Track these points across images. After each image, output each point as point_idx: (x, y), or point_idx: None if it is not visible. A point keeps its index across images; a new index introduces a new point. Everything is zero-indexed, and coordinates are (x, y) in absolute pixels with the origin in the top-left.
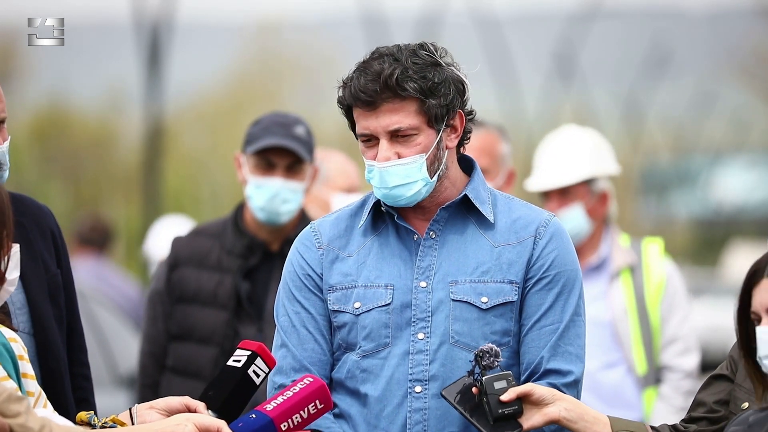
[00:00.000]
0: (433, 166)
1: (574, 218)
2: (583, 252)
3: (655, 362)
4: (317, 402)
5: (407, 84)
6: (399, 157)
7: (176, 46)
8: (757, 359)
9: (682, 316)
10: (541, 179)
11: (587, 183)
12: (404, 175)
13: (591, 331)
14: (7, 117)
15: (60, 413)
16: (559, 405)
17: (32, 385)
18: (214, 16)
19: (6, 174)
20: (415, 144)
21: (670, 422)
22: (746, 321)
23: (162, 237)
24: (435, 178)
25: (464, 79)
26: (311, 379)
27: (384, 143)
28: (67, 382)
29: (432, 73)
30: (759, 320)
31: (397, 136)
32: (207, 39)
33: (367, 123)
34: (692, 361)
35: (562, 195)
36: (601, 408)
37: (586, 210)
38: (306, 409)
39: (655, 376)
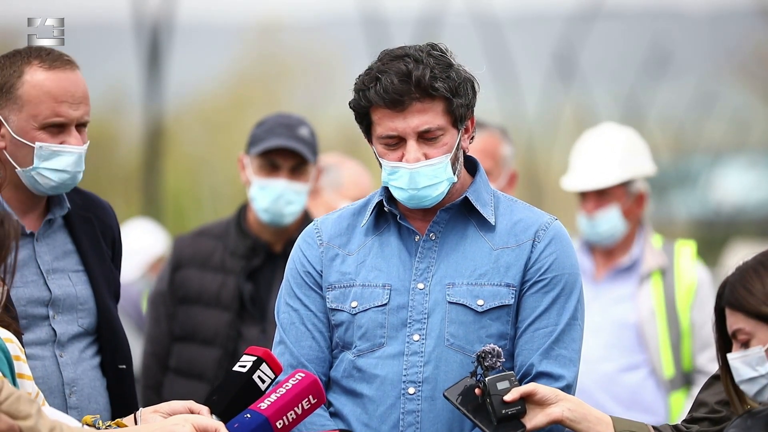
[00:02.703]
0: (454, 166)
1: (610, 220)
2: (615, 253)
3: (683, 366)
4: (310, 397)
5: (437, 84)
6: (427, 157)
7: (176, 46)
8: (737, 383)
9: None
10: (579, 179)
11: (624, 184)
12: (432, 175)
13: (615, 333)
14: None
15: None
16: (562, 405)
17: (29, 385)
18: (214, 17)
19: (80, 176)
20: (442, 144)
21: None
22: (723, 339)
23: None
24: (455, 177)
25: (475, 79)
26: (303, 375)
27: (412, 144)
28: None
29: (453, 73)
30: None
31: (424, 136)
32: (207, 39)
33: (394, 124)
34: None
35: (599, 196)
36: (618, 410)
37: (622, 211)
38: (300, 405)
39: (682, 379)
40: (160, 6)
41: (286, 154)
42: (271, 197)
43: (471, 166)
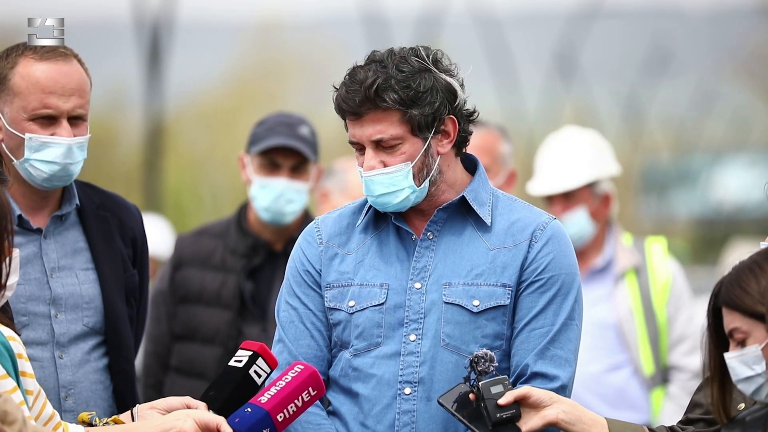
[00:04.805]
0: (421, 173)
1: (578, 222)
2: (587, 254)
3: (662, 362)
4: (310, 389)
5: (387, 95)
6: (384, 165)
7: (176, 46)
8: (735, 384)
9: (688, 316)
10: (544, 183)
11: (590, 186)
12: (389, 183)
13: (596, 334)
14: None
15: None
16: (557, 407)
17: (31, 383)
18: (214, 16)
19: (74, 168)
20: (400, 153)
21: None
22: (718, 339)
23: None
24: (425, 184)
25: (455, 84)
26: (302, 367)
27: (369, 152)
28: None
29: (417, 82)
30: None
31: (381, 145)
32: (207, 39)
33: (353, 131)
34: (700, 360)
35: (565, 199)
36: (606, 410)
37: (589, 213)
38: (300, 397)
39: (662, 376)
40: (160, 5)
41: (287, 152)
42: (272, 196)
43: (471, 164)
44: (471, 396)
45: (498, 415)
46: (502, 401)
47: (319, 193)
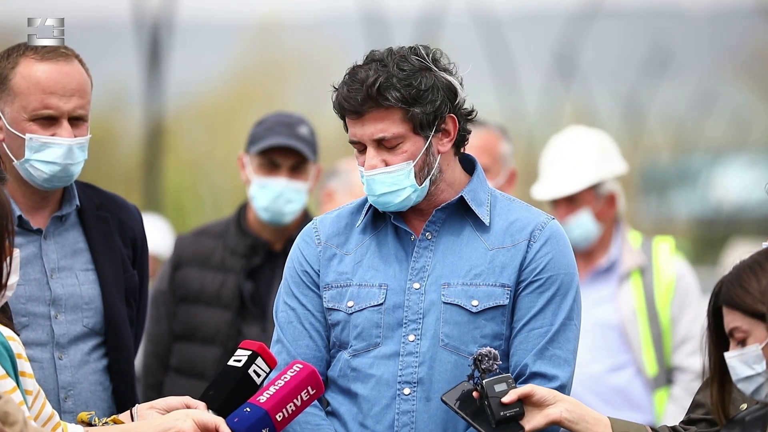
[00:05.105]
0: (422, 172)
1: (582, 224)
2: (593, 254)
3: (666, 363)
4: (309, 388)
5: (389, 93)
6: (386, 164)
7: (176, 46)
8: (735, 383)
9: (693, 316)
10: (547, 187)
11: (593, 187)
12: (391, 182)
13: (599, 334)
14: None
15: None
16: (560, 406)
17: (30, 383)
18: (214, 16)
19: (74, 169)
20: (402, 152)
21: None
22: (719, 339)
23: None
24: (426, 183)
25: (455, 83)
26: (301, 366)
27: (371, 151)
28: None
29: (418, 80)
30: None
31: (383, 144)
32: (207, 39)
33: (354, 130)
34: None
35: (569, 202)
36: (608, 411)
37: (594, 214)
38: (299, 396)
39: (666, 377)
40: (160, 5)
41: (286, 152)
42: (271, 196)
43: (470, 165)
44: (474, 394)
45: (501, 413)
46: (505, 399)
47: (323, 192)
